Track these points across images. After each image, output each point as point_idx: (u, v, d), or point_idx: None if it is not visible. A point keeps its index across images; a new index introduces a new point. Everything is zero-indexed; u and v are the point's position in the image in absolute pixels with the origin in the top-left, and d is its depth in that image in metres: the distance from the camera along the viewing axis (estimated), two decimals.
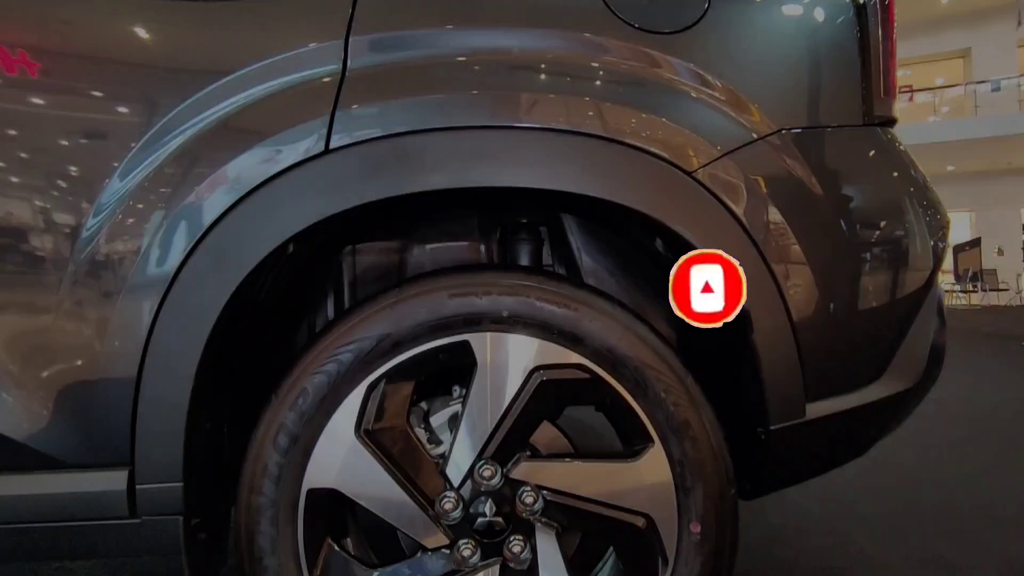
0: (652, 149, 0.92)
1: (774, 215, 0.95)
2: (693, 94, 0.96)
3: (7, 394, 0.90)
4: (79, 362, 0.90)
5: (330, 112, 0.90)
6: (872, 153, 1.02)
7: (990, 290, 14.28)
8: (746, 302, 0.93)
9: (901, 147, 1.06)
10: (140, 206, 0.90)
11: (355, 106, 0.91)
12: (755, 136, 0.95)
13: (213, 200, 0.89)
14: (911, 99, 16.61)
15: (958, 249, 14.74)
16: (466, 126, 0.91)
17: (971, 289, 14.45)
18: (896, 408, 1.07)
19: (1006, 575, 1.50)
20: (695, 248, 0.93)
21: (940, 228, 1.11)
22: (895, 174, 1.05)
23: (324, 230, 1.08)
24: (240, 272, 0.90)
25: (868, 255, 1.02)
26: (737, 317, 0.94)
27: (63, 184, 0.92)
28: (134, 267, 0.89)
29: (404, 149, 0.90)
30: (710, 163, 0.93)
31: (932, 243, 1.08)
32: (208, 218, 0.89)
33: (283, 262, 1.08)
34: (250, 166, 0.90)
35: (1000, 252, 15.22)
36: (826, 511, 1.95)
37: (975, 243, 15.05)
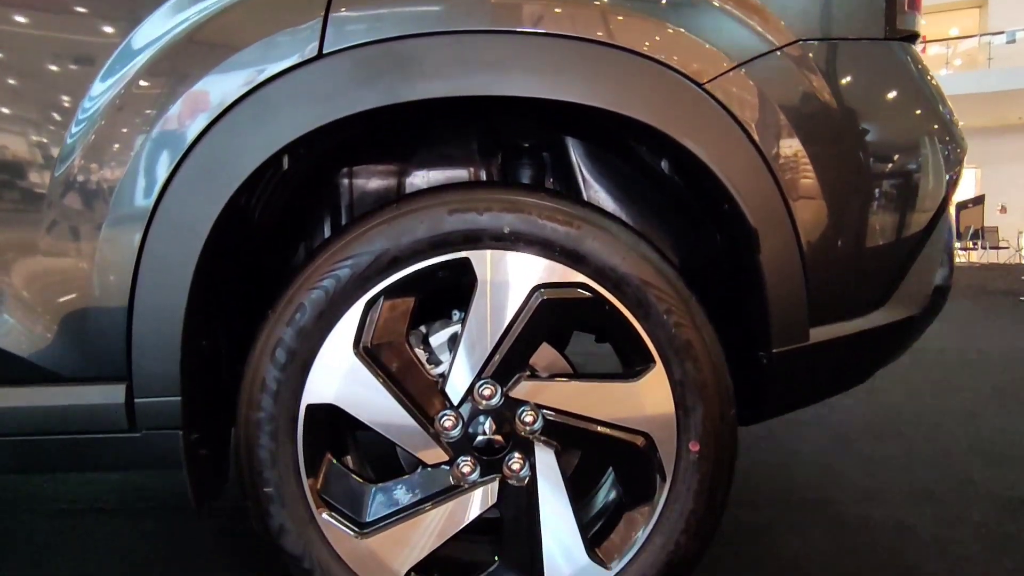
0: (662, 58, 0.88)
1: (787, 131, 0.91)
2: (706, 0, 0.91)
3: (5, 311, 0.89)
4: (71, 275, 0.88)
5: (323, 13, 0.85)
6: (893, 69, 0.98)
7: (990, 248, 14.23)
8: (754, 221, 0.91)
9: (923, 65, 1.02)
10: (123, 121, 0.86)
11: (349, 8, 0.86)
12: (771, 46, 0.91)
13: (198, 111, 0.85)
14: (923, 51, 16.11)
15: (961, 206, 14.60)
16: (467, 30, 0.86)
17: (971, 246, 14.40)
18: (899, 335, 1.06)
19: (989, 507, 1.54)
20: (704, 165, 0.90)
21: (957, 157, 1.07)
22: (915, 93, 1.01)
23: (319, 147, 1.05)
24: (231, 185, 0.87)
25: (882, 178, 0.99)
26: (744, 237, 0.91)
27: (42, 103, 0.88)
28: (121, 182, 0.86)
29: (402, 54, 0.85)
30: (723, 74, 0.89)
31: (947, 171, 1.05)
32: (195, 129, 0.85)
33: (279, 180, 1.05)
34: (237, 73, 0.85)
35: (1003, 210, 15.10)
36: (819, 446, 1.98)
37: (978, 200, 14.90)
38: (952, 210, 1.15)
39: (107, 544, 1.40)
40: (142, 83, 0.86)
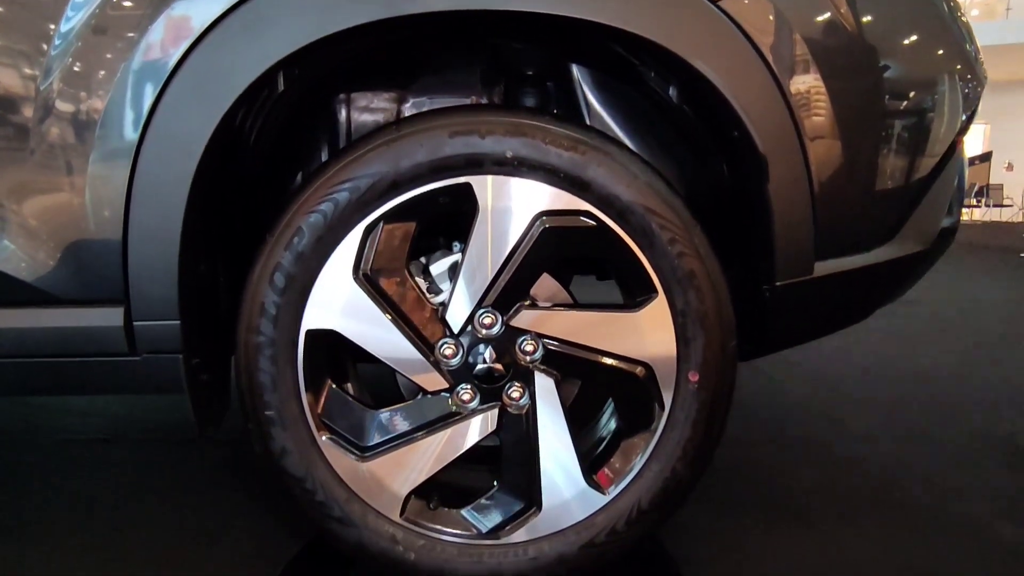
0: None
1: (802, 55, 0.88)
2: None
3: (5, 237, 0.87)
4: (63, 198, 0.86)
5: None
6: None
7: (994, 206, 14.11)
8: (764, 149, 0.88)
9: None
10: (104, 40, 0.82)
11: None
12: None
13: (183, 25, 0.81)
14: None
15: (967, 162, 14.35)
16: None
17: (975, 203, 14.27)
18: (904, 271, 1.05)
19: (979, 446, 1.57)
20: (715, 90, 0.86)
21: (976, 95, 1.04)
22: (937, 19, 0.96)
23: (317, 68, 1.01)
24: (224, 102, 0.83)
25: (897, 109, 0.96)
26: (754, 166, 0.89)
27: (24, 25, 0.84)
28: (107, 102, 0.83)
29: None
30: None
31: (964, 110, 1.02)
32: (183, 45, 0.82)
33: (274, 103, 1.01)
34: None
35: (1009, 167, 14.89)
36: (811, 390, 2.01)
37: (986, 157, 14.66)
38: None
39: (109, 474, 1.43)
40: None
